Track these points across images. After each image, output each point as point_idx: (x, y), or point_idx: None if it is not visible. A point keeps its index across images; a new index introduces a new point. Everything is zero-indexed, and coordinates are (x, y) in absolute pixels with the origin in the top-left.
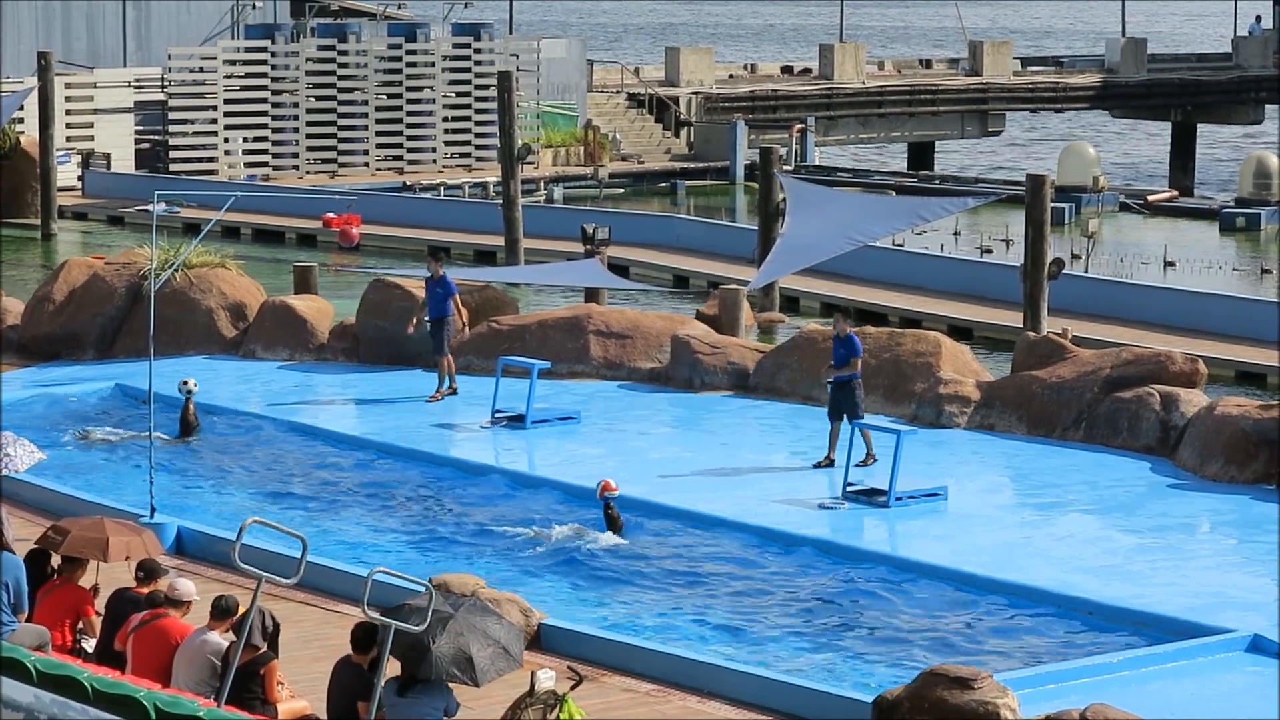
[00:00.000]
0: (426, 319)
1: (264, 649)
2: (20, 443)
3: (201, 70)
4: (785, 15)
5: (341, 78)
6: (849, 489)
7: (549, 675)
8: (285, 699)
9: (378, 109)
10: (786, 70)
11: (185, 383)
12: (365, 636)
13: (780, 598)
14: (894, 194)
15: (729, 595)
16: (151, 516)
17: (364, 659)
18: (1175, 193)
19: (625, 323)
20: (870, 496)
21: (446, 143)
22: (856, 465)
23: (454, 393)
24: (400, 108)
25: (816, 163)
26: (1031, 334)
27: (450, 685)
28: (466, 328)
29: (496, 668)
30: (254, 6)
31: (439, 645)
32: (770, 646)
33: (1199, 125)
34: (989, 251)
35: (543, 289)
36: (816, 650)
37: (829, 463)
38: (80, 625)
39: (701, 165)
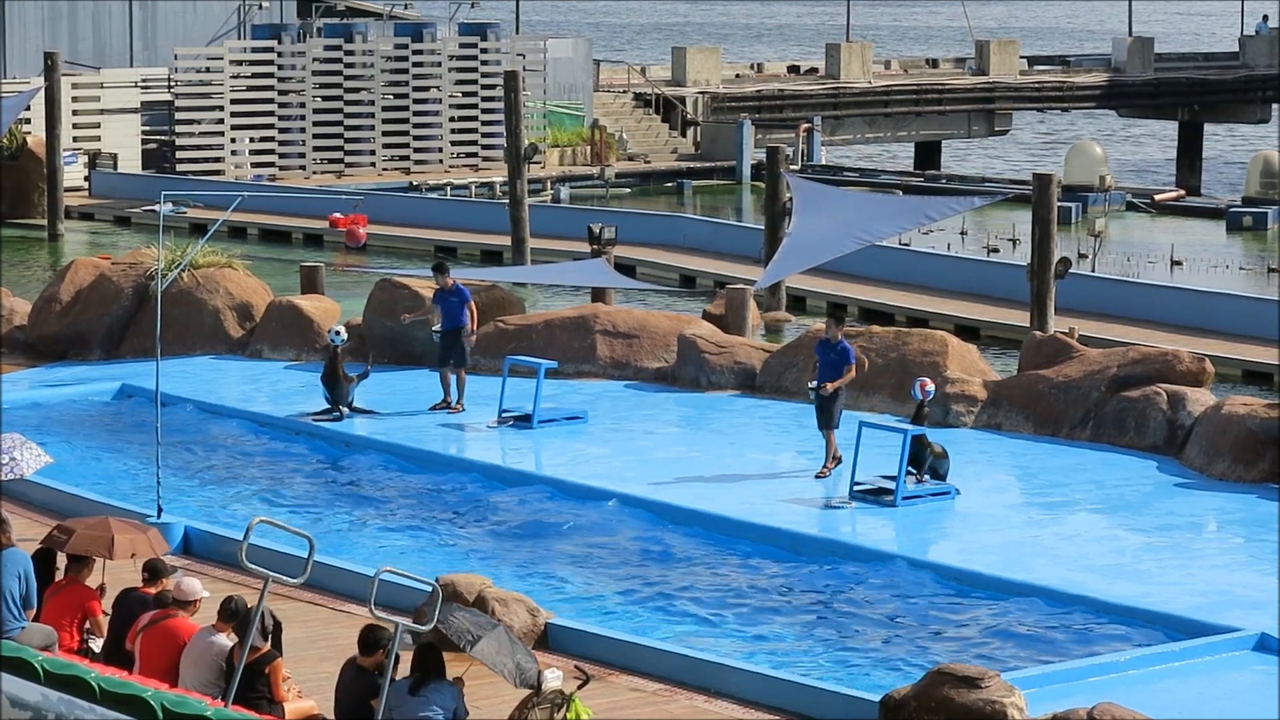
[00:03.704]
0: (437, 329)
1: (266, 648)
2: (27, 445)
3: (208, 70)
4: (792, 14)
5: (348, 78)
6: (855, 489)
7: (556, 675)
8: (292, 698)
9: (384, 109)
10: (793, 70)
11: (339, 331)
12: (370, 641)
13: (787, 597)
14: (900, 193)
15: (736, 594)
16: (159, 516)
17: (368, 662)
18: (1182, 192)
19: (632, 322)
20: (877, 496)
21: (453, 143)
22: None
23: (461, 409)
24: (407, 108)
25: (823, 162)
26: (1038, 333)
27: (463, 689)
28: (474, 335)
29: (526, 679)
30: (260, 6)
31: (483, 643)
32: (777, 645)
33: (1206, 124)
34: (996, 251)
35: (549, 289)
36: (823, 649)
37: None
38: (87, 625)
39: (708, 165)
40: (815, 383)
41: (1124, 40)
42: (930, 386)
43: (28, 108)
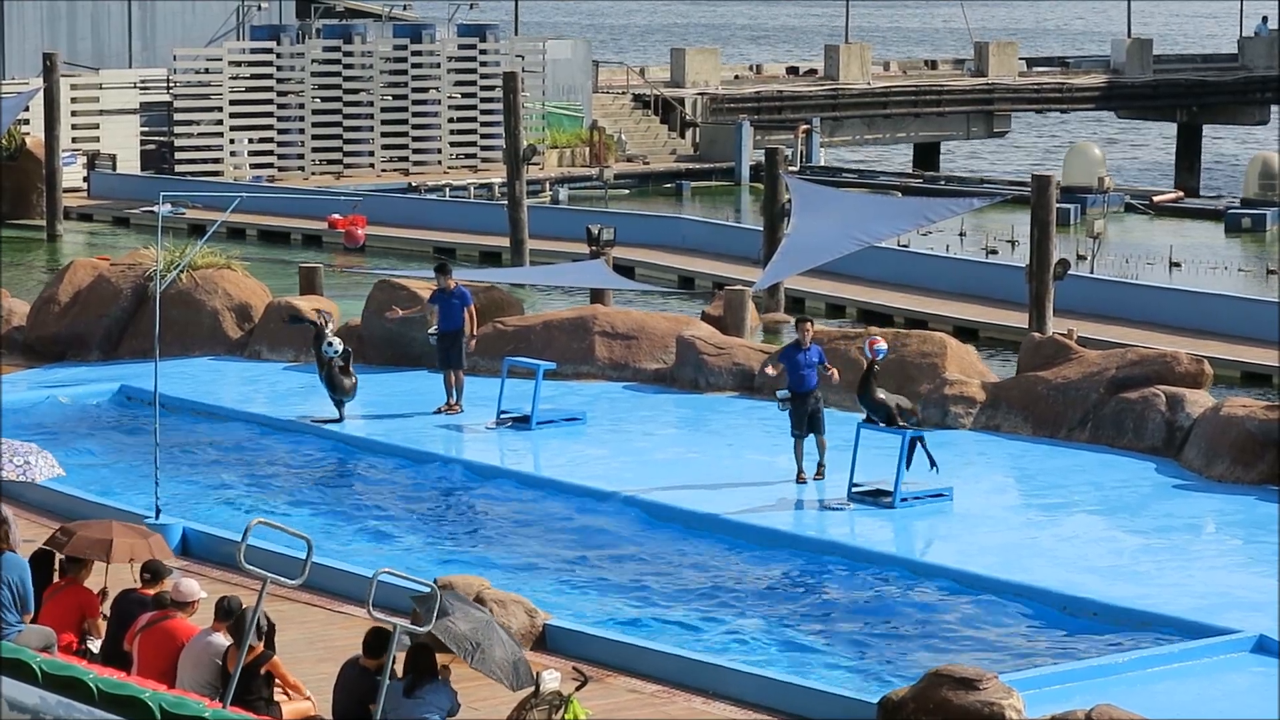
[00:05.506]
0: (434, 332)
1: (260, 648)
2: (43, 454)
3: (207, 71)
4: (791, 16)
5: (347, 79)
6: (854, 490)
7: (554, 676)
8: (293, 694)
9: (383, 110)
10: (792, 71)
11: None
12: (377, 643)
13: (785, 599)
14: (899, 195)
15: (734, 596)
16: (157, 517)
17: (373, 664)
18: (1180, 193)
19: (630, 324)
20: (875, 498)
21: (452, 144)
22: (814, 477)
23: (460, 410)
24: (406, 109)
25: (822, 163)
26: (1037, 335)
27: (448, 676)
28: (474, 340)
29: (521, 682)
30: (259, 7)
31: (482, 650)
32: (775, 647)
33: (1204, 126)
34: (994, 252)
35: (548, 290)
36: (822, 651)
37: (804, 479)
38: (86, 626)
39: (707, 166)
40: (786, 391)
41: (1123, 41)
42: (881, 345)
43: (27, 108)
